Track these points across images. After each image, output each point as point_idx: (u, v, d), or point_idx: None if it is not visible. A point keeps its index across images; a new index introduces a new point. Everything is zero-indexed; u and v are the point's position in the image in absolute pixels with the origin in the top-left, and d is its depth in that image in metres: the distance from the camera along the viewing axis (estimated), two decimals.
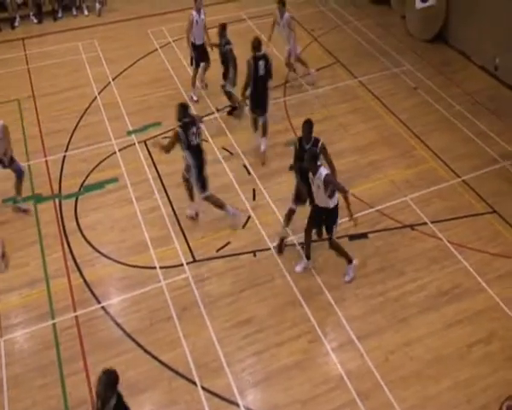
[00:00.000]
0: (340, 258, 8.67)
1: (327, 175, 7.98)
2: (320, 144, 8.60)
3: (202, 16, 12.18)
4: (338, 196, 8.21)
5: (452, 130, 11.78)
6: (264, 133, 10.98)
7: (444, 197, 10.15)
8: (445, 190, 10.30)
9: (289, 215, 9.21)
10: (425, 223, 9.63)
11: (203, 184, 9.37)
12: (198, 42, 12.30)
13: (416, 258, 9.06)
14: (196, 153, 9.16)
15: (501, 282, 8.70)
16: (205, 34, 12.34)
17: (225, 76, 11.89)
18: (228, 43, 11.65)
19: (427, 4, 14.15)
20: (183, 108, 9.07)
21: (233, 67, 11.67)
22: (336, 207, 8.29)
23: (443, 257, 9.07)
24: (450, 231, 9.49)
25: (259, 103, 10.85)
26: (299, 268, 8.92)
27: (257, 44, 10.59)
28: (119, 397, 5.50)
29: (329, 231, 8.44)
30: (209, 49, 12.46)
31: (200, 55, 12.47)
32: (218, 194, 10.15)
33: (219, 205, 9.57)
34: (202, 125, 11.37)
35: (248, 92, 10.83)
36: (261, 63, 10.57)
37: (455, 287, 8.63)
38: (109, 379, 5.38)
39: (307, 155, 8.16)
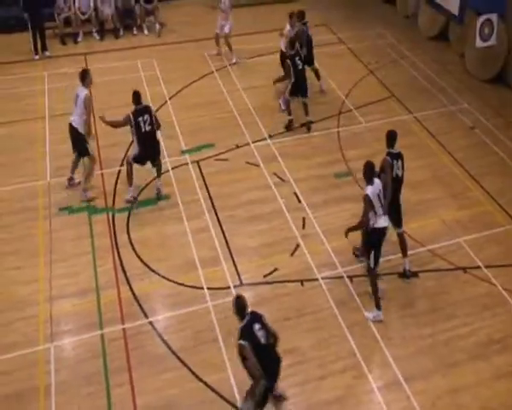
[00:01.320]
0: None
1: (366, 195, 8.24)
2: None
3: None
4: (377, 225, 8.30)
5: (509, 173, 11.57)
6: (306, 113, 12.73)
7: (499, 242, 9.93)
8: (500, 235, 10.07)
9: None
10: (478, 267, 9.43)
11: (137, 157, 10.33)
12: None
13: (468, 302, 8.87)
14: (144, 140, 10.14)
15: None
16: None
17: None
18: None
19: (487, 44, 13.97)
20: (137, 96, 10.18)
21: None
22: (368, 232, 8.37)
23: (496, 304, 8.85)
24: (505, 277, 9.25)
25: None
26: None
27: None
28: (247, 324, 6.54)
29: None
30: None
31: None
32: (267, 219, 10.30)
33: (129, 175, 10.42)
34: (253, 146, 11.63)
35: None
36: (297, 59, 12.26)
37: (507, 336, 8.38)
38: (234, 306, 6.64)
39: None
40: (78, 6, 16.44)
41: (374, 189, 8.26)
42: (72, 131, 10.41)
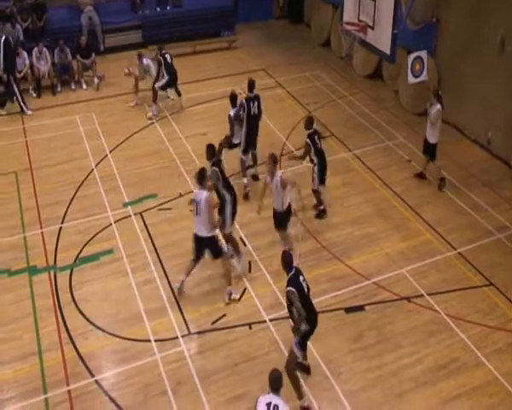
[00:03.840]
0: None
1: (229, 115, 12.03)
2: None
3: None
4: None
5: (447, 202, 11.92)
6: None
7: (440, 270, 10.18)
8: (441, 263, 10.33)
9: None
10: (421, 295, 9.62)
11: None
12: None
13: (413, 331, 9.00)
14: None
15: (499, 356, 8.62)
16: None
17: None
18: None
19: (419, 79, 14.51)
20: (211, 150, 10.22)
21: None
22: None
23: (440, 330, 9.02)
24: (447, 303, 9.46)
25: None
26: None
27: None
28: (294, 274, 7.56)
29: None
30: None
31: None
32: (214, 266, 10.20)
33: (234, 246, 10.26)
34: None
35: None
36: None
37: (452, 361, 8.54)
38: (283, 260, 7.63)
39: None
40: None
41: (235, 110, 11.81)
42: (198, 240, 9.45)
